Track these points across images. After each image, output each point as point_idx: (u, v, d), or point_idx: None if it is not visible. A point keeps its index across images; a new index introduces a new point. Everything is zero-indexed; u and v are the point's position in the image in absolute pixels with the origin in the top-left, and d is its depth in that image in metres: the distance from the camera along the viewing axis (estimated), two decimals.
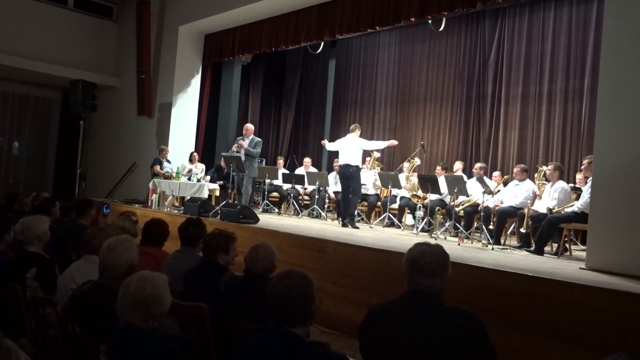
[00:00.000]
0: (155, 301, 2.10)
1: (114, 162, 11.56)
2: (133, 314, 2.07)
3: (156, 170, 9.56)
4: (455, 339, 2.02)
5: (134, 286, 2.12)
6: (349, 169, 7.61)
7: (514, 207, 6.73)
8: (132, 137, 11.31)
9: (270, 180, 9.71)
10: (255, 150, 8.46)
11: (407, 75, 11.25)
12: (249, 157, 8.43)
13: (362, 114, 12.03)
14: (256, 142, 8.54)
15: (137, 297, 2.09)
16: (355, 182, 7.64)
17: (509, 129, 9.48)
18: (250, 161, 8.45)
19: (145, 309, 2.07)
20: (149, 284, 2.12)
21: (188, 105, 10.76)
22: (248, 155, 8.42)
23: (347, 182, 7.70)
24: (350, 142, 7.70)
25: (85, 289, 2.60)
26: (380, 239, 6.34)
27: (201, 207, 7.66)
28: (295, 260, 5.46)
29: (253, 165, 8.54)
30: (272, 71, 12.97)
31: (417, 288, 2.19)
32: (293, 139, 13.18)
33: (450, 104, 10.43)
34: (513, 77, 9.51)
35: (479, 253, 5.61)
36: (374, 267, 4.83)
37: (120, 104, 11.78)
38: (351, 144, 7.67)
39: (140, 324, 2.08)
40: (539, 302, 3.79)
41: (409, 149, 10.57)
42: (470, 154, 9.98)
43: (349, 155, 7.62)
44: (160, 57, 10.93)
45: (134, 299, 2.09)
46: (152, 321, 2.09)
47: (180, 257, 3.66)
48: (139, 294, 2.09)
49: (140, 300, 2.08)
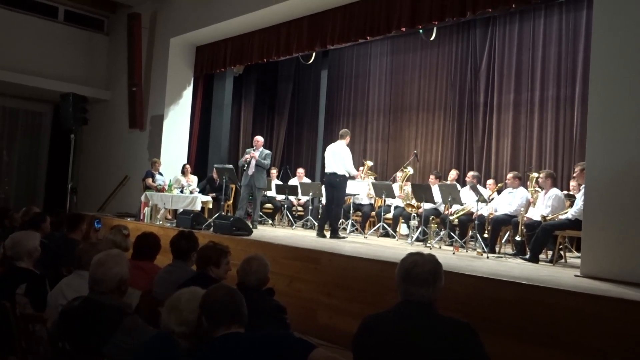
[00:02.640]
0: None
1: (106, 176, 11.52)
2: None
3: (148, 183, 9.53)
4: (450, 348, 2.02)
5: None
6: (335, 179, 7.34)
7: (508, 215, 6.75)
8: (124, 150, 11.29)
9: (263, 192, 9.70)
10: (265, 161, 8.48)
11: (399, 84, 11.31)
12: (259, 168, 8.46)
13: (355, 123, 12.06)
14: (266, 154, 8.56)
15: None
16: (339, 193, 7.42)
17: (502, 137, 9.53)
18: (260, 172, 8.47)
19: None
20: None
21: (180, 118, 10.75)
22: (258, 167, 8.44)
23: (331, 192, 7.45)
24: (338, 149, 7.45)
25: (75, 305, 2.58)
26: (374, 249, 6.32)
27: (194, 219, 7.64)
28: (289, 271, 5.44)
29: (263, 177, 8.55)
30: (264, 82, 13.01)
31: (410, 298, 2.19)
32: (286, 150, 13.18)
33: (443, 113, 10.49)
34: (505, 85, 9.58)
35: (474, 262, 5.62)
36: (368, 277, 4.82)
37: (111, 117, 11.76)
38: (338, 152, 7.42)
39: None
40: (534, 310, 3.79)
41: (402, 158, 10.60)
42: (464, 162, 10.02)
43: (336, 164, 7.36)
44: (152, 70, 10.94)
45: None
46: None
47: (172, 271, 3.64)
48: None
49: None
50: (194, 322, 2.15)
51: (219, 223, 7.16)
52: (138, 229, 6.75)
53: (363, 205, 9.01)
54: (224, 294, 2.22)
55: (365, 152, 11.70)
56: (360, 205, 9.03)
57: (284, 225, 9.62)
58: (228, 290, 2.26)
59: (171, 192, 8.85)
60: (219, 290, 2.26)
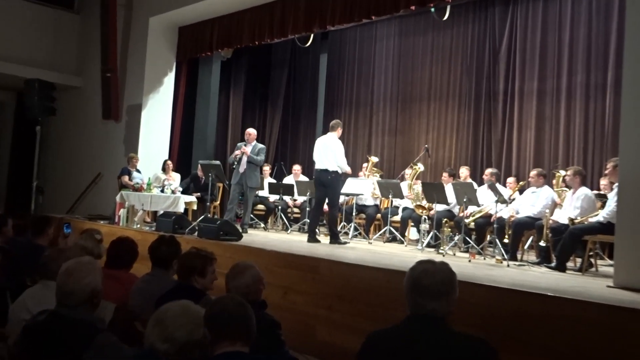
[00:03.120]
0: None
1: (76, 173, 11.50)
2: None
3: (124, 182, 9.52)
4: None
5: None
6: (327, 176, 7.31)
7: (531, 218, 6.75)
8: (97, 144, 11.27)
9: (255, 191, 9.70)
10: (259, 157, 8.45)
11: (408, 71, 11.30)
12: (252, 164, 8.43)
13: (358, 114, 12.06)
14: (259, 148, 8.54)
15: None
16: (332, 192, 7.41)
17: (524, 130, 9.53)
18: (252, 170, 8.46)
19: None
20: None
21: (160, 108, 10.74)
22: (251, 163, 8.41)
23: (323, 191, 7.42)
24: (329, 142, 7.44)
25: (40, 319, 2.57)
26: (380, 256, 6.31)
27: (176, 222, 7.63)
28: (284, 281, 5.44)
29: (256, 175, 8.54)
30: (255, 68, 12.99)
31: (420, 312, 2.18)
32: (280, 144, 13.18)
33: (457, 103, 10.48)
34: (527, 71, 9.57)
35: (493, 270, 5.61)
36: (373, 288, 4.82)
37: (82, 106, 11.74)
38: (329, 145, 7.41)
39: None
40: (561, 325, 3.78)
41: (412, 154, 10.60)
42: (481, 158, 10.02)
43: (327, 159, 7.35)
44: (129, 53, 10.92)
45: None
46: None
47: (151, 281, 3.63)
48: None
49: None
50: (180, 340, 2.14)
51: (205, 227, 7.15)
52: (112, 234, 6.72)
53: (367, 206, 9.01)
54: (235, 305, 2.29)
55: (370, 147, 11.70)
56: (364, 206, 9.03)
57: (277, 229, 9.61)
58: (239, 302, 2.32)
59: (150, 192, 8.84)
60: (229, 300, 2.32)
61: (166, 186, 9.06)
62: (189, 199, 9.02)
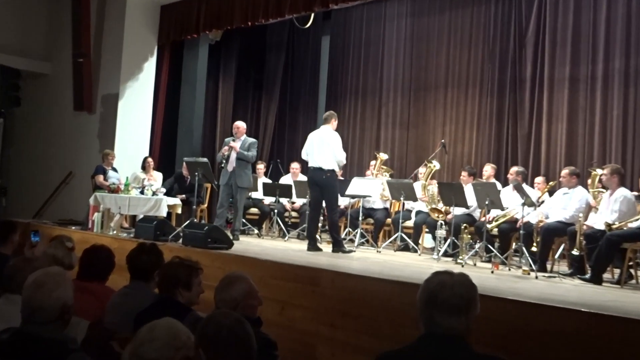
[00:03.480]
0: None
1: (44, 172, 11.50)
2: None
3: (99, 182, 9.53)
4: None
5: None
6: (321, 175, 7.35)
7: (562, 223, 6.75)
8: (68, 138, 11.27)
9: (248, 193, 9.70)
10: (249, 153, 8.45)
11: (422, 55, 11.29)
12: (242, 162, 8.43)
13: (365, 105, 12.06)
14: (250, 143, 8.53)
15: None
16: (330, 194, 7.44)
17: (555, 122, 9.52)
18: (243, 168, 8.46)
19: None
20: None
21: (140, 97, 10.74)
22: (241, 160, 8.41)
23: (318, 192, 7.46)
24: (325, 136, 7.47)
25: (4, 338, 2.57)
26: (390, 266, 6.32)
27: (158, 228, 7.64)
28: (281, 295, 5.44)
29: (247, 173, 8.54)
30: (248, 52, 13.00)
31: (436, 330, 2.18)
32: (276, 139, 13.18)
33: (479, 92, 10.47)
34: (558, 56, 9.56)
35: (518, 283, 5.61)
36: (382, 303, 4.82)
37: (52, 96, 11.75)
38: (326, 140, 7.43)
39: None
40: (596, 345, 3.78)
41: (426, 150, 10.59)
42: (505, 155, 10.01)
43: (321, 155, 7.37)
44: (104, 36, 10.93)
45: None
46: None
47: (129, 295, 3.64)
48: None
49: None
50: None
51: (191, 233, 7.16)
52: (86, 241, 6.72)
53: (375, 210, 9.00)
54: (233, 322, 2.28)
55: (379, 142, 11.71)
56: (372, 210, 9.02)
57: (273, 236, 9.61)
58: (237, 319, 2.32)
59: (128, 194, 8.84)
60: (224, 317, 2.31)
61: (146, 187, 9.07)
62: (172, 201, 9.02)
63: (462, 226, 7.36)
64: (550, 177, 8.89)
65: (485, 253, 7.35)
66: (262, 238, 9.37)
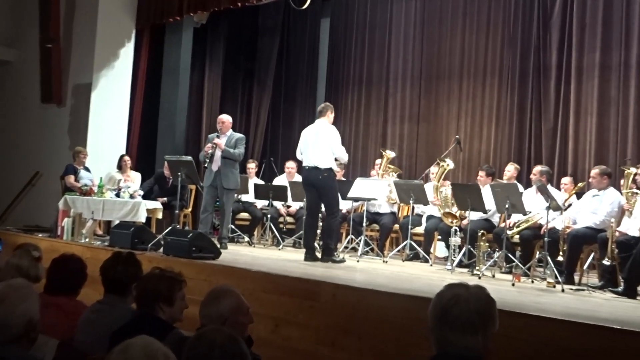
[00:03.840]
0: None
1: (7, 172, 11.50)
2: None
3: (69, 183, 9.52)
4: None
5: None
6: (317, 175, 7.36)
7: (592, 229, 6.76)
8: (34, 134, 11.27)
9: (237, 195, 9.69)
10: (237, 150, 8.43)
11: (434, 40, 11.30)
12: (229, 160, 8.41)
13: (370, 96, 12.06)
14: (237, 139, 8.51)
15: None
16: (328, 196, 7.45)
17: (583, 115, 9.53)
18: (229, 167, 8.43)
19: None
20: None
21: (116, 88, 10.74)
22: (227, 159, 8.39)
23: (315, 194, 7.48)
24: (322, 130, 7.47)
25: None
26: (398, 278, 6.33)
27: (136, 236, 7.63)
28: (275, 311, 5.44)
29: (234, 173, 8.50)
30: (238, 37, 13.00)
31: (449, 350, 2.19)
32: (270, 135, 13.18)
33: (497, 81, 10.48)
34: (588, 41, 9.57)
35: (543, 296, 5.62)
36: (389, 320, 4.82)
37: (16, 86, 11.75)
38: (322, 134, 7.43)
39: None
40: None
41: (439, 147, 10.60)
42: (528, 152, 10.02)
43: (316, 153, 7.37)
44: (75, 18, 10.92)
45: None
46: None
47: (103, 311, 3.63)
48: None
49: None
50: None
51: (173, 241, 7.15)
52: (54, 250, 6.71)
53: (382, 214, 9.01)
54: (225, 339, 2.26)
55: (385, 138, 11.71)
56: (378, 214, 9.03)
57: (266, 244, 9.60)
58: (230, 336, 2.30)
59: (102, 196, 8.84)
60: (216, 334, 2.29)
61: (123, 189, 9.06)
62: (152, 205, 9.01)
63: (479, 233, 7.36)
64: (578, 177, 8.89)
65: (505, 263, 7.35)
66: (253, 246, 9.36)
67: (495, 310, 2.27)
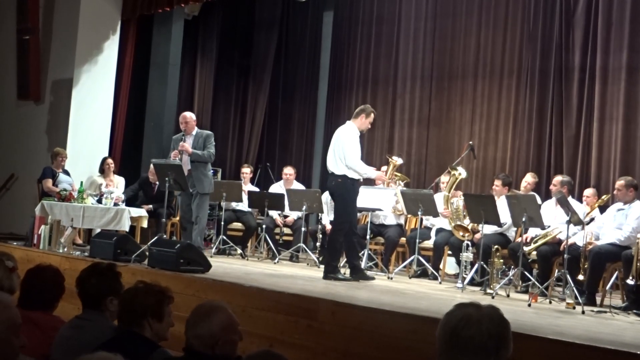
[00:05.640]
0: None
1: None
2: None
3: (47, 187, 9.53)
4: None
5: None
6: (331, 181, 7.47)
7: (616, 246, 6.75)
8: (9, 133, 11.28)
9: (229, 203, 9.69)
10: (206, 151, 8.37)
11: (446, 37, 11.31)
12: (199, 164, 8.37)
13: (376, 97, 12.05)
14: (205, 137, 8.46)
15: None
16: (338, 205, 7.52)
17: (608, 121, 9.52)
18: (201, 170, 8.39)
19: None
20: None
21: (99, 84, 10.75)
22: (197, 162, 8.35)
23: (334, 203, 7.64)
24: (341, 134, 7.52)
25: None
26: (404, 296, 6.33)
27: (118, 246, 7.63)
28: (269, 330, 5.44)
29: (207, 175, 8.45)
30: (232, 30, 13.02)
31: None
32: (266, 138, 13.19)
33: (515, 83, 10.49)
34: (614, 40, 9.57)
35: (561, 319, 5.61)
36: (393, 341, 4.82)
37: None
38: (340, 138, 7.48)
39: None
40: None
41: (450, 153, 10.60)
42: (547, 161, 10.02)
43: (332, 157, 7.45)
44: (55, 8, 10.94)
45: None
46: None
47: (82, 327, 3.63)
48: None
49: None
50: None
51: (159, 252, 7.15)
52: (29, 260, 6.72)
53: (387, 226, 9.00)
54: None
55: (392, 144, 11.71)
56: (383, 226, 9.02)
57: (261, 257, 9.60)
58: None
59: (83, 202, 8.85)
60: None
61: (105, 194, 9.07)
62: (136, 212, 9.01)
63: (494, 248, 7.36)
64: (602, 189, 8.87)
65: (520, 282, 7.35)
66: (246, 259, 9.35)
67: (510, 332, 2.27)
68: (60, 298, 4.00)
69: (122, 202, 9.15)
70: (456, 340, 2.21)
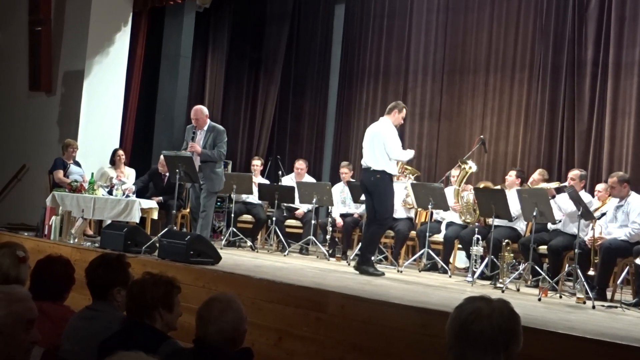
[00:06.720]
0: None
1: None
2: None
3: (58, 178, 9.56)
4: None
5: None
6: (369, 177, 7.45)
7: (627, 242, 6.73)
8: (21, 125, 11.31)
9: (239, 196, 9.70)
10: (216, 151, 8.29)
11: (458, 30, 11.28)
12: (209, 163, 8.30)
13: (388, 90, 12.04)
14: (217, 134, 8.41)
15: None
16: (379, 201, 7.45)
17: (621, 117, 9.49)
18: (210, 168, 8.33)
19: None
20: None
21: (110, 76, 10.76)
22: (207, 162, 8.27)
23: (368, 199, 7.58)
24: (379, 129, 7.53)
25: None
26: (413, 290, 6.32)
27: (129, 237, 7.64)
28: (278, 323, 5.44)
29: (217, 174, 8.38)
30: (244, 22, 13.01)
31: None
32: (277, 130, 13.18)
33: (527, 77, 10.45)
34: (627, 35, 9.53)
35: (572, 313, 5.60)
36: (403, 335, 4.81)
37: (2, 73, 11.78)
38: (380, 133, 7.47)
39: None
40: None
41: (461, 147, 10.58)
42: (559, 156, 9.99)
43: (370, 153, 7.45)
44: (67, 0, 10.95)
45: None
46: None
47: (92, 318, 3.64)
48: None
49: None
50: None
51: (169, 244, 7.16)
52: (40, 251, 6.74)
53: (397, 220, 8.98)
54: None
55: (403, 137, 11.64)
56: (393, 220, 9.00)
57: (270, 250, 9.61)
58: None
59: (94, 193, 8.87)
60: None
61: (116, 186, 9.09)
62: (147, 204, 9.03)
63: (504, 242, 7.34)
64: None
65: (531, 276, 7.33)
66: (256, 251, 9.37)
67: (520, 327, 2.26)
68: (70, 289, 4.01)
69: (133, 193, 9.16)
70: (466, 334, 2.20)
